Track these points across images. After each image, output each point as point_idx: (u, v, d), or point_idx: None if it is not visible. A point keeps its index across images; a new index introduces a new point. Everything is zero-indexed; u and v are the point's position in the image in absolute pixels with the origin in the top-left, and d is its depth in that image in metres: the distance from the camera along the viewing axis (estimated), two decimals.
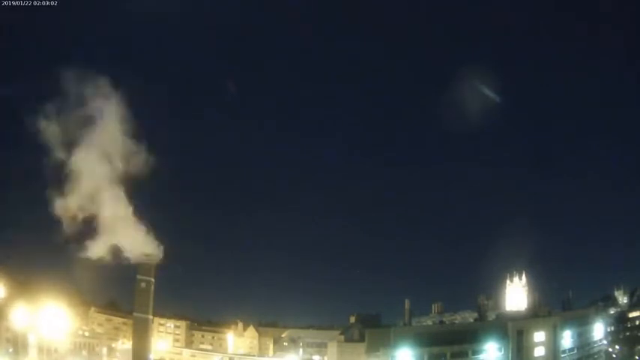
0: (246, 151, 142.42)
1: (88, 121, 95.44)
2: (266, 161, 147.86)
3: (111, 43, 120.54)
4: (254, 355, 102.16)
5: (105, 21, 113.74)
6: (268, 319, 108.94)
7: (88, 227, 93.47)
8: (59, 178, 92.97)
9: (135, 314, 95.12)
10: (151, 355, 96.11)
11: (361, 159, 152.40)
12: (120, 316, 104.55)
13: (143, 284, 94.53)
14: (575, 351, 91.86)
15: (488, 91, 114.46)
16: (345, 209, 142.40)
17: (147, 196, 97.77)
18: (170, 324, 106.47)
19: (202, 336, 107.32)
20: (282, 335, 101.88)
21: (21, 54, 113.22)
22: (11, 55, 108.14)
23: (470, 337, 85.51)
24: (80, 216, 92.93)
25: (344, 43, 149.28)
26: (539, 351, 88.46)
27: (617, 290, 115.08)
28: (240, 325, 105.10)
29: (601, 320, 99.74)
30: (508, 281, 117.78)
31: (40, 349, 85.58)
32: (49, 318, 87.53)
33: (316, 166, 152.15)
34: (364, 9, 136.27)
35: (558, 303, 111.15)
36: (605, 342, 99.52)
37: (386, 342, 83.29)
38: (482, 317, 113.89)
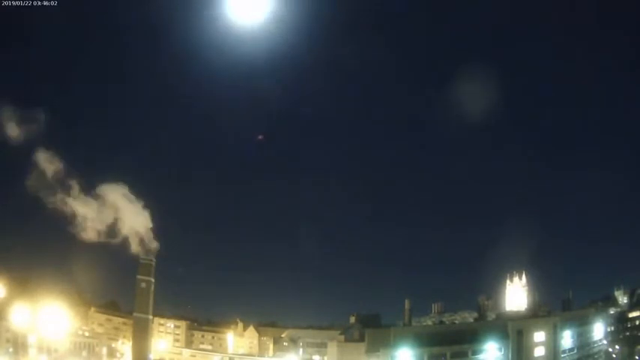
0: (246, 151, 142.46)
1: None
2: (266, 161, 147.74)
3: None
4: (254, 355, 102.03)
5: None
6: (268, 319, 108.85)
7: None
8: None
9: (135, 314, 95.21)
10: (151, 355, 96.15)
11: (361, 157, 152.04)
12: (120, 316, 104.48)
13: (143, 284, 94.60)
14: (575, 351, 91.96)
15: (489, 90, 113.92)
16: (344, 209, 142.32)
17: (147, 196, 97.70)
18: (170, 324, 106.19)
19: (202, 336, 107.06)
20: (282, 335, 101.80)
21: None
22: None
23: (470, 337, 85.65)
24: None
25: (346, 42, 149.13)
26: (539, 351, 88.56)
27: (617, 290, 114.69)
28: (240, 325, 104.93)
29: (601, 320, 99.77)
30: (508, 281, 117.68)
31: (40, 349, 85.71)
32: (49, 318, 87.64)
33: (316, 167, 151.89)
34: (365, 9, 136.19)
35: (558, 303, 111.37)
36: (605, 342, 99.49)
37: (386, 342, 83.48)
38: (482, 317, 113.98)
